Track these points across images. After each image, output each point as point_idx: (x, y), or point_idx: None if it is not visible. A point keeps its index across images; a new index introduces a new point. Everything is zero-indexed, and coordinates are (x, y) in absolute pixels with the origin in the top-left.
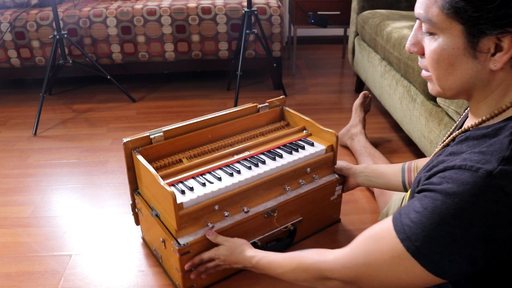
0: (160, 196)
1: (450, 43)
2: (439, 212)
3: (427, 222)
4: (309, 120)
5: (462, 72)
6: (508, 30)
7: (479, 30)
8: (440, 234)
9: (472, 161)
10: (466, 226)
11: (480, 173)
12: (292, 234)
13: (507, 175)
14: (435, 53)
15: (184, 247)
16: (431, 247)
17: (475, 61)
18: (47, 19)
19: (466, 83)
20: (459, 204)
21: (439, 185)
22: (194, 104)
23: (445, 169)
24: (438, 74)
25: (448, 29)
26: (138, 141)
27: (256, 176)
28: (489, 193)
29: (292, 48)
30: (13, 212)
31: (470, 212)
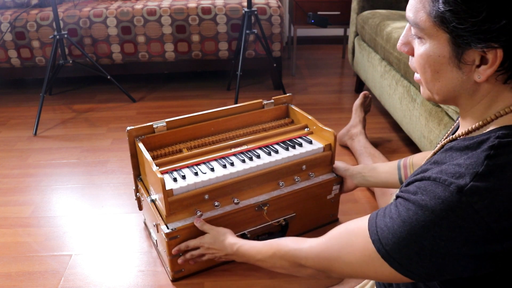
0: (154, 182)
1: (436, 50)
2: (410, 222)
3: (398, 229)
4: (311, 119)
5: (447, 80)
6: (491, 45)
7: (464, 42)
8: (409, 243)
9: (447, 174)
10: (435, 239)
11: (451, 188)
12: (284, 229)
13: (477, 192)
14: (422, 58)
15: (172, 232)
16: (400, 253)
17: (459, 71)
18: (47, 19)
19: (452, 90)
20: (429, 217)
21: (414, 195)
22: (194, 104)
23: (422, 179)
24: (426, 79)
25: (434, 36)
26: (141, 129)
27: (249, 169)
28: (458, 209)
29: (292, 48)
30: (13, 212)
31: (439, 226)
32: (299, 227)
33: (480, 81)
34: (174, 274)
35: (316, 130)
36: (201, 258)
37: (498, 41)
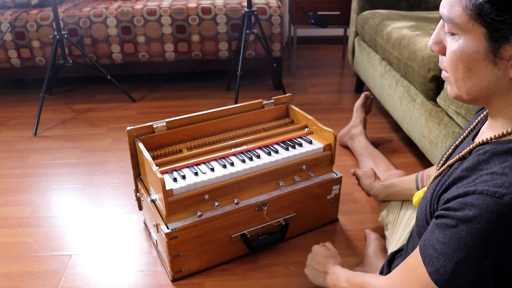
0: (154, 182)
1: (471, 46)
2: (465, 243)
3: (454, 253)
4: (311, 119)
5: (480, 77)
6: None
7: (501, 36)
8: (468, 265)
9: (495, 186)
10: (495, 257)
11: (504, 201)
12: (284, 229)
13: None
14: (455, 54)
15: (172, 231)
16: (460, 279)
17: (495, 67)
18: (47, 19)
19: (485, 89)
20: (484, 234)
21: (460, 211)
22: (194, 104)
23: (466, 194)
24: (456, 77)
25: (470, 31)
26: (141, 129)
27: (249, 169)
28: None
29: (292, 48)
30: (13, 212)
31: (497, 242)
32: (299, 227)
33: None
34: (174, 274)
35: (316, 130)
36: None
37: None
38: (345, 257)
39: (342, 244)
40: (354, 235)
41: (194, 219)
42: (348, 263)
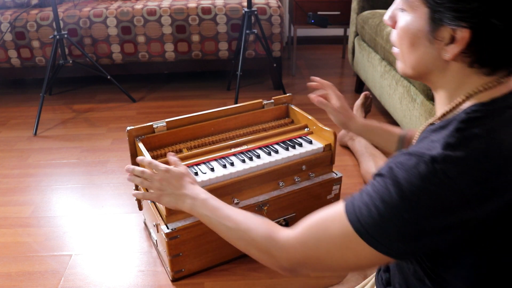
0: None
1: (415, 23)
2: (390, 197)
3: (377, 205)
4: (311, 119)
5: (420, 53)
6: (461, 25)
7: (439, 18)
8: (390, 218)
9: (421, 148)
10: (414, 210)
11: (424, 159)
12: None
13: (449, 160)
14: (401, 29)
15: (172, 232)
16: (380, 230)
17: (431, 46)
18: (47, 19)
19: (424, 66)
20: (406, 188)
21: (390, 170)
22: (194, 104)
23: (399, 156)
24: (402, 51)
25: (416, 9)
26: (141, 129)
27: (249, 169)
28: (434, 178)
29: (292, 48)
30: (13, 212)
31: (417, 196)
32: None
33: (448, 59)
34: (174, 274)
35: (316, 130)
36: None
37: (468, 21)
38: None
39: None
40: None
41: (194, 219)
42: None
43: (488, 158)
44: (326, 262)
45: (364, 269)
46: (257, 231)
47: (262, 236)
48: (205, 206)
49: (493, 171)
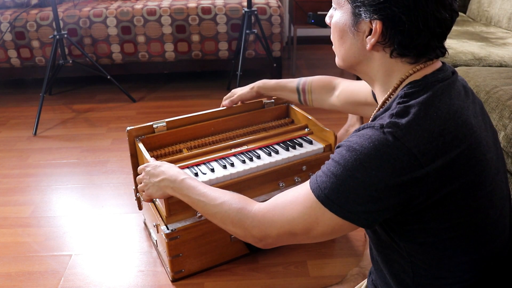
0: None
1: (342, 18)
2: (344, 160)
3: (333, 170)
4: (311, 119)
5: (348, 46)
6: (374, 17)
7: (359, 13)
8: (345, 179)
9: (370, 123)
10: (366, 170)
11: (375, 126)
12: None
13: (396, 125)
14: (333, 25)
15: (172, 232)
16: (338, 192)
17: (354, 38)
18: (47, 19)
19: (352, 56)
20: (359, 151)
21: (345, 141)
22: (194, 104)
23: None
24: (335, 45)
25: (342, 6)
26: (141, 129)
27: (249, 170)
28: (383, 140)
29: (292, 48)
30: (13, 212)
31: (369, 157)
32: None
33: (368, 50)
34: (174, 274)
35: (316, 130)
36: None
37: (379, 14)
38: (345, 257)
39: (342, 244)
40: (354, 235)
41: (194, 219)
42: (348, 263)
43: (429, 121)
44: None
45: (329, 237)
46: (230, 205)
47: (235, 210)
48: (184, 186)
49: (435, 132)
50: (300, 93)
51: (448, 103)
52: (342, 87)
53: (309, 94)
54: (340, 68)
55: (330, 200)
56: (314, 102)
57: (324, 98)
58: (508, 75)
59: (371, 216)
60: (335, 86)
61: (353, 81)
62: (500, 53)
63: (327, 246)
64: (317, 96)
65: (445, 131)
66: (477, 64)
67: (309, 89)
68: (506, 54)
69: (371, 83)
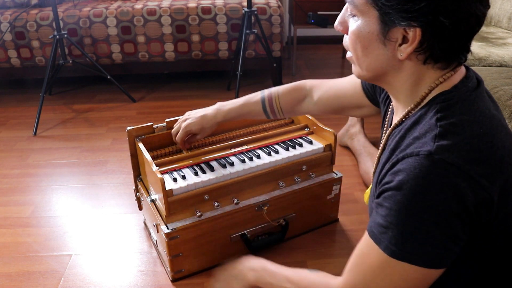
0: (153, 182)
1: (367, 26)
2: (402, 205)
3: (396, 221)
4: (311, 119)
5: (374, 56)
6: (412, 24)
7: (390, 19)
8: (412, 225)
9: (411, 149)
10: (431, 208)
11: (421, 155)
12: (284, 229)
13: (444, 148)
14: (354, 34)
15: (172, 232)
16: (410, 241)
17: (384, 48)
18: (47, 19)
19: (379, 67)
20: (414, 190)
21: (392, 182)
22: (194, 104)
23: (393, 166)
24: (356, 55)
25: (366, 13)
26: (141, 129)
27: (249, 169)
28: (436, 169)
29: (292, 48)
30: (13, 212)
31: (428, 193)
32: (299, 227)
33: (402, 59)
34: (174, 274)
35: (316, 130)
36: None
37: (418, 21)
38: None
39: (342, 244)
40: (354, 235)
41: (194, 219)
42: None
43: (476, 139)
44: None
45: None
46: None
47: None
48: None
49: (484, 150)
50: (265, 103)
51: (489, 116)
52: (320, 92)
53: (277, 103)
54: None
55: (405, 253)
56: (285, 113)
57: (296, 108)
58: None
59: (450, 254)
60: (307, 93)
61: (334, 82)
62: (500, 53)
63: (327, 246)
64: (287, 107)
65: (494, 147)
66: (477, 64)
67: (276, 99)
68: (506, 54)
69: (394, 92)
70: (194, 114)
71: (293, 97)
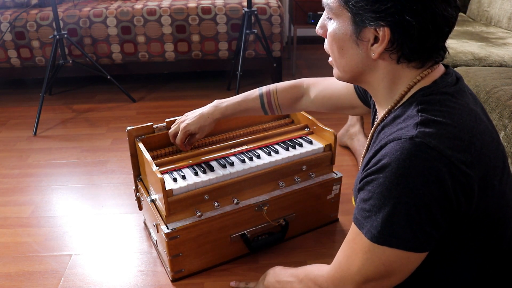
0: (154, 182)
1: (341, 28)
2: (384, 187)
3: (378, 203)
4: (311, 119)
5: (350, 56)
6: (381, 24)
7: (361, 20)
8: (392, 207)
9: (393, 135)
10: (412, 190)
11: (403, 139)
12: (284, 229)
13: (426, 134)
14: (330, 36)
15: (172, 232)
16: (391, 224)
17: (358, 48)
18: (47, 19)
19: (355, 67)
20: (396, 171)
21: (375, 166)
22: (194, 104)
23: (376, 153)
24: (334, 56)
25: (340, 15)
26: (141, 129)
27: (249, 169)
28: (418, 152)
29: (292, 48)
30: (13, 212)
31: (409, 176)
32: (299, 227)
33: (375, 58)
34: (174, 274)
35: (317, 130)
36: None
37: (386, 20)
38: None
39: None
40: None
41: (194, 219)
42: None
43: (457, 128)
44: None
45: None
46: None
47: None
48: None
49: (465, 140)
50: (264, 100)
51: (468, 109)
52: (316, 91)
53: (275, 99)
54: None
55: (385, 237)
56: (282, 109)
57: (294, 106)
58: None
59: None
60: (304, 91)
61: (330, 82)
62: (500, 53)
63: (327, 246)
64: (285, 103)
65: (474, 138)
66: (477, 64)
67: (274, 96)
68: (506, 54)
69: (374, 91)
70: (192, 114)
71: (291, 95)
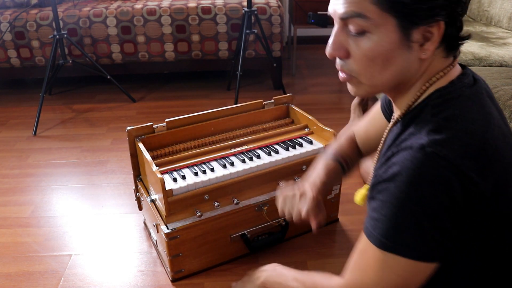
0: (153, 182)
1: (386, 38)
2: (394, 197)
3: (388, 212)
4: (311, 119)
5: (397, 65)
6: (437, 19)
7: (411, 22)
8: (403, 217)
9: (405, 143)
10: (421, 198)
11: (414, 148)
12: (284, 229)
13: (437, 142)
14: (371, 51)
15: (172, 232)
16: (401, 233)
17: (409, 51)
18: (47, 19)
19: (399, 75)
20: (406, 181)
21: (385, 174)
22: (194, 104)
23: (386, 161)
24: (372, 72)
25: (382, 24)
26: (141, 129)
27: (249, 169)
28: (428, 161)
29: (292, 48)
30: (13, 212)
31: (419, 185)
32: (299, 227)
33: (426, 57)
34: (174, 274)
35: (317, 130)
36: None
37: (440, 15)
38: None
39: (342, 244)
40: (354, 235)
41: (194, 219)
42: None
43: (468, 135)
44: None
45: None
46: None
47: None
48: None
49: (476, 146)
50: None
51: (483, 113)
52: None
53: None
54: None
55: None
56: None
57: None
58: (508, 75)
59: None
60: None
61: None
62: (500, 53)
63: (327, 246)
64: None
65: (485, 144)
66: (477, 64)
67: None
68: (506, 54)
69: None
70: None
71: (356, 149)
